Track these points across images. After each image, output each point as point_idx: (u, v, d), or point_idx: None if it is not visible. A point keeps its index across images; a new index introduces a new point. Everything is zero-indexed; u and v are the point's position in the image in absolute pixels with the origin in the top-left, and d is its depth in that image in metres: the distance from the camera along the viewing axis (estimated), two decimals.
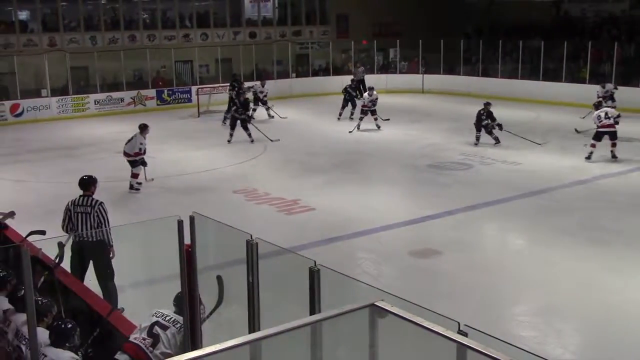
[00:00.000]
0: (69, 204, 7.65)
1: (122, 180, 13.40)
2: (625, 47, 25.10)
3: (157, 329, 4.92)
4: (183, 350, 4.90)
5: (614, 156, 14.84)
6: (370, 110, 19.48)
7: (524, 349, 2.81)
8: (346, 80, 26.15)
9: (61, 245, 5.81)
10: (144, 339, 4.86)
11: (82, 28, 26.26)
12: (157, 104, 25.28)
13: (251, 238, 4.70)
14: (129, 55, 25.45)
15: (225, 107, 21.61)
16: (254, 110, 21.49)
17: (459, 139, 17.68)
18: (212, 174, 14.45)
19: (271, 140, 17.81)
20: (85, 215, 7.51)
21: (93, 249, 7.48)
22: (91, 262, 7.44)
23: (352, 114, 20.82)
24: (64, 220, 7.61)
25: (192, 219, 5.31)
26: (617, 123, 14.70)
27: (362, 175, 14.33)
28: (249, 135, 17.77)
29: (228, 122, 19.84)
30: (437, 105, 24.86)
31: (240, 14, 29.84)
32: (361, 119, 19.40)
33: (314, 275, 4.01)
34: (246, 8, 30.10)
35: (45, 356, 4.45)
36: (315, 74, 29.51)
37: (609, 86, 20.50)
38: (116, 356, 4.82)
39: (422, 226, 10.76)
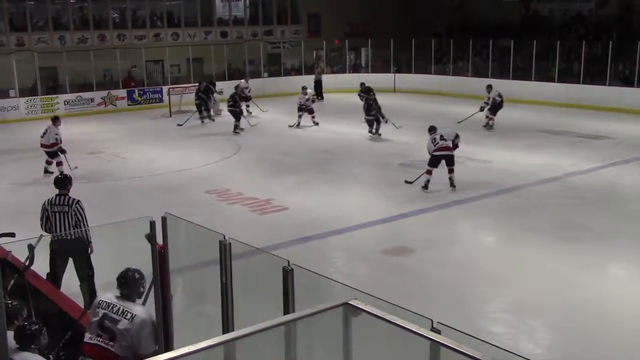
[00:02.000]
0: (46, 203, 7.62)
1: (93, 181, 13.28)
2: (592, 46, 25.46)
3: (107, 323, 4.69)
4: (151, 339, 4.75)
5: (452, 184, 12.53)
6: (307, 109, 19.92)
7: (496, 345, 2.84)
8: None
9: (31, 248, 5.72)
10: (99, 335, 4.72)
11: (51, 27, 25.95)
12: (128, 104, 25.07)
13: (224, 238, 4.69)
14: (99, 55, 25.17)
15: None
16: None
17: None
18: (184, 174, 14.37)
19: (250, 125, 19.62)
20: (62, 215, 7.54)
21: (73, 247, 7.50)
22: (70, 260, 7.44)
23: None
24: (41, 220, 7.61)
25: (164, 219, 5.27)
26: (456, 146, 12.71)
27: (334, 174, 14.34)
28: (237, 127, 19.21)
29: (207, 120, 21.30)
30: (408, 104, 24.99)
31: (211, 14, 29.70)
32: (300, 116, 19.95)
33: (287, 274, 4.01)
34: (217, 7, 29.98)
35: None
36: (288, 73, 29.46)
37: (494, 93, 18.69)
38: None
39: (395, 225, 10.81)
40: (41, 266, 6.70)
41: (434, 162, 12.51)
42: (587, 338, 6.95)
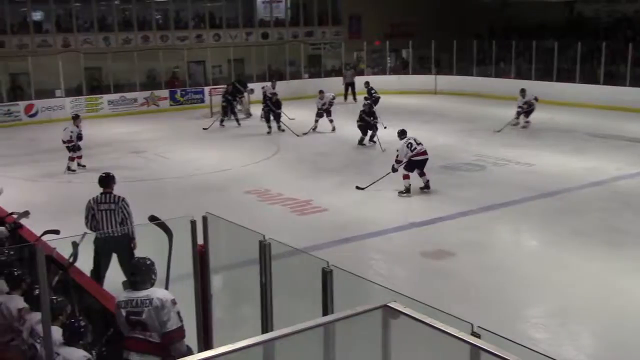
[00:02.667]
0: (91, 202, 7.75)
1: (135, 180, 13.47)
2: (639, 48, 24.90)
3: (133, 318, 4.75)
4: (174, 316, 4.72)
5: (428, 186, 12.56)
6: (326, 111, 19.48)
7: (537, 351, 2.80)
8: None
9: (75, 245, 5.83)
10: (132, 329, 4.79)
11: (96, 29, 26.42)
12: (170, 105, 25.39)
13: (264, 238, 4.71)
14: (142, 55, 25.55)
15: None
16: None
17: (472, 140, 17.63)
18: (224, 174, 14.49)
19: (297, 135, 18.83)
20: (109, 212, 7.68)
21: (117, 244, 7.64)
22: (114, 257, 7.60)
23: (372, 137, 17.36)
24: (86, 218, 7.74)
25: (205, 219, 5.32)
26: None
27: (374, 175, 14.26)
28: (279, 127, 19.42)
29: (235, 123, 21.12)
30: (449, 106, 24.81)
31: (253, 15, 29.90)
32: (316, 121, 19.43)
33: (326, 275, 4.01)
34: (258, 9, 30.16)
35: (58, 355, 4.47)
36: (328, 74, 29.46)
37: (530, 96, 18.83)
38: (129, 357, 4.79)
39: (435, 227, 10.73)
40: (85, 263, 6.83)
41: (411, 166, 12.42)
42: (631, 344, 6.80)
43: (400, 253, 9.72)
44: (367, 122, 17.09)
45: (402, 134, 12.84)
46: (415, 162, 12.37)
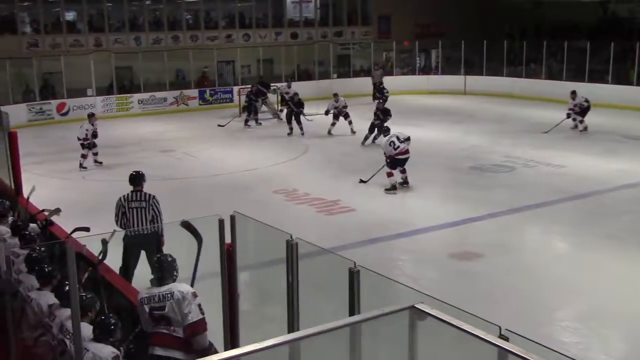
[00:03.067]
0: (122, 199, 7.82)
1: (164, 178, 13.57)
2: None
3: (156, 314, 4.79)
4: (195, 308, 4.74)
5: (406, 182, 12.98)
6: (343, 115, 18.89)
7: (566, 355, 2.76)
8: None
9: (105, 242, 5.89)
10: (156, 325, 4.83)
11: (127, 28, 26.69)
12: (200, 104, 25.56)
13: (291, 238, 4.71)
14: (172, 55, 25.76)
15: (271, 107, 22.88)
16: (281, 111, 21.59)
17: (501, 141, 17.47)
18: (252, 174, 14.54)
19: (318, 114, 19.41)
20: (140, 210, 7.75)
21: (146, 241, 7.70)
22: (143, 255, 7.65)
23: (375, 138, 17.34)
24: (117, 216, 7.81)
25: (233, 218, 5.34)
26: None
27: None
28: (301, 128, 18.94)
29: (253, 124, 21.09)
30: (479, 106, 24.61)
31: (282, 15, 29.97)
32: (333, 124, 18.96)
33: (353, 276, 4.00)
34: (288, 9, 30.22)
35: (87, 350, 4.52)
36: (357, 74, 29.42)
37: (580, 98, 18.43)
38: (154, 352, 4.84)
39: (463, 228, 10.66)
40: (114, 260, 6.90)
41: (395, 165, 12.77)
42: None
43: (428, 254, 9.67)
44: (382, 120, 16.98)
45: (385, 131, 13.40)
46: (398, 160, 12.74)
